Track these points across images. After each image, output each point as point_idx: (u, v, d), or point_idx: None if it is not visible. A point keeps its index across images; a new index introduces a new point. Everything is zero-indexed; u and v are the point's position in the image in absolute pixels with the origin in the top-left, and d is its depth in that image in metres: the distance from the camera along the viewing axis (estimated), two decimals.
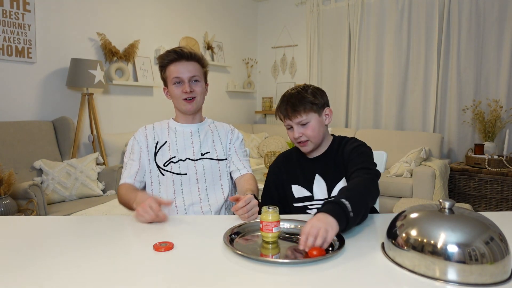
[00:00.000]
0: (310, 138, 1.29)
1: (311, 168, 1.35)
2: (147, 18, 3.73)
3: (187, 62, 1.39)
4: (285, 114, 1.29)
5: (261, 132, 4.69)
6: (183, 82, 1.38)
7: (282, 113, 1.31)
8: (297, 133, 1.28)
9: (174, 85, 1.39)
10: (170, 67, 1.39)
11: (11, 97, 2.75)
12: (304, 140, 1.29)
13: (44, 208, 2.20)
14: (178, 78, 1.38)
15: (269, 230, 0.94)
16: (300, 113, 1.26)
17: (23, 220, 1.19)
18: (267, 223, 0.94)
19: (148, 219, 1.09)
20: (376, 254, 0.88)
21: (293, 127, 1.30)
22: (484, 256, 0.73)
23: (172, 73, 1.38)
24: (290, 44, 4.95)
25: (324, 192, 1.32)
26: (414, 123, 4.00)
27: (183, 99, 1.39)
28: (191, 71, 1.39)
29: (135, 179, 1.39)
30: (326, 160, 1.35)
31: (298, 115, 1.27)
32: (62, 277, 0.76)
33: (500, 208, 3.19)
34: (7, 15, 2.67)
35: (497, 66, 3.54)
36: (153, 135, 1.45)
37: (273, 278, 0.77)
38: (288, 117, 1.29)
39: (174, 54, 1.39)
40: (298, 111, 1.26)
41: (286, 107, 1.29)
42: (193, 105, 1.41)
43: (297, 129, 1.28)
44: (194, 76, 1.40)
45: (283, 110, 1.30)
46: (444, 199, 0.83)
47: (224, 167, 1.47)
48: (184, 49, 1.40)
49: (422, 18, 3.85)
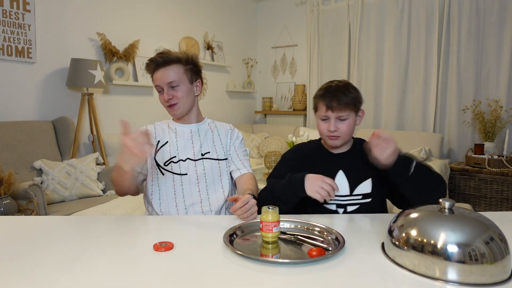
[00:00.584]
0: (343, 135, 1.29)
1: (334, 163, 1.34)
2: (147, 18, 3.73)
3: (164, 68, 1.37)
4: (328, 105, 1.27)
5: (261, 132, 4.69)
6: (163, 90, 1.38)
7: (325, 103, 1.28)
8: (333, 126, 1.27)
9: (159, 93, 1.40)
10: (154, 76, 1.40)
11: (11, 97, 2.75)
12: (337, 135, 1.29)
13: (44, 208, 2.20)
14: (158, 86, 1.39)
15: (269, 230, 0.94)
16: (344, 108, 1.26)
17: (23, 220, 1.19)
18: (267, 223, 0.94)
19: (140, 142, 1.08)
20: (376, 254, 0.88)
21: (329, 119, 1.28)
22: (484, 256, 0.73)
23: (155, 81, 1.39)
24: (290, 44, 4.95)
25: (345, 189, 1.31)
26: (414, 123, 4.00)
27: (167, 106, 1.40)
28: (168, 77, 1.36)
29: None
30: (351, 158, 1.35)
31: (342, 109, 1.26)
32: (62, 277, 0.76)
33: (500, 208, 3.19)
34: (7, 15, 2.67)
35: (497, 66, 3.53)
36: (155, 134, 1.45)
37: (273, 278, 0.77)
38: (331, 108, 1.27)
39: (151, 63, 1.39)
40: (342, 105, 1.26)
41: (332, 98, 1.27)
42: (176, 110, 1.40)
43: (334, 122, 1.27)
44: (171, 81, 1.36)
45: (328, 101, 1.27)
46: (444, 199, 0.83)
47: (225, 167, 1.47)
48: (159, 56, 1.37)
49: (422, 18, 3.85)
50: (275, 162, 3.03)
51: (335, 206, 1.30)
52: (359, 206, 1.30)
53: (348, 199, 1.30)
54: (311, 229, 1.04)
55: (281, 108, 5.02)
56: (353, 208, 1.30)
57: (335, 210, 1.30)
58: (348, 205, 1.30)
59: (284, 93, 5.05)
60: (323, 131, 1.31)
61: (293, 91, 4.90)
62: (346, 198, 1.30)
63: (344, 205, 1.30)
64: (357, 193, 1.31)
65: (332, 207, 1.30)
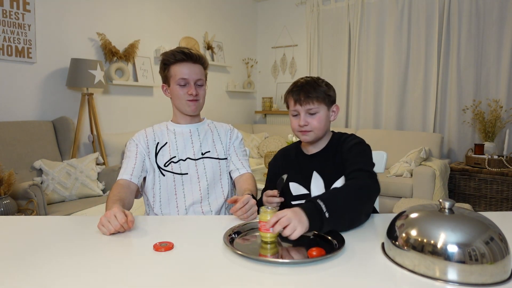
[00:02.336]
0: (314, 129, 1.27)
1: (308, 165, 1.33)
2: (147, 18, 3.73)
3: (194, 65, 1.39)
4: (296, 99, 1.27)
5: (261, 132, 4.69)
6: (188, 84, 1.38)
7: (293, 97, 1.28)
8: (303, 121, 1.26)
9: (178, 85, 1.39)
10: (175, 66, 1.38)
11: (11, 97, 2.75)
12: (307, 130, 1.27)
13: (44, 208, 2.20)
14: (185, 79, 1.38)
15: (267, 230, 0.94)
16: (312, 101, 1.25)
17: (23, 220, 1.19)
18: (265, 223, 0.94)
19: (110, 229, 1.00)
20: (376, 254, 0.88)
21: (300, 114, 1.27)
22: (484, 256, 0.73)
23: (178, 73, 1.38)
24: (290, 44, 4.95)
25: (321, 190, 1.29)
26: (414, 123, 4.00)
27: (187, 100, 1.39)
28: (197, 74, 1.40)
29: (132, 174, 1.35)
30: (325, 157, 1.32)
31: (310, 102, 1.25)
32: (62, 277, 0.76)
33: (500, 208, 3.19)
34: (7, 15, 2.67)
35: (497, 66, 3.54)
36: (153, 136, 1.44)
37: (273, 278, 0.77)
38: (299, 102, 1.26)
39: (183, 54, 1.38)
40: (311, 98, 1.25)
41: (299, 92, 1.26)
42: (196, 106, 1.42)
43: (304, 117, 1.26)
44: (199, 79, 1.41)
45: (295, 95, 1.27)
46: (444, 199, 0.83)
47: (224, 166, 1.47)
48: (192, 51, 1.40)
49: (422, 18, 3.85)
50: None
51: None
52: None
53: None
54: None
55: (281, 108, 5.02)
56: None
57: None
58: None
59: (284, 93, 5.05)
60: (295, 127, 1.30)
61: None
62: None
63: None
64: None
65: None
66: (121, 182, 1.34)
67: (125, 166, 1.39)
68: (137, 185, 1.37)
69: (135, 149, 1.41)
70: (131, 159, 1.39)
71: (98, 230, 1.03)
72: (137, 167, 1.37)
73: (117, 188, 1.31)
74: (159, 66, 1.47)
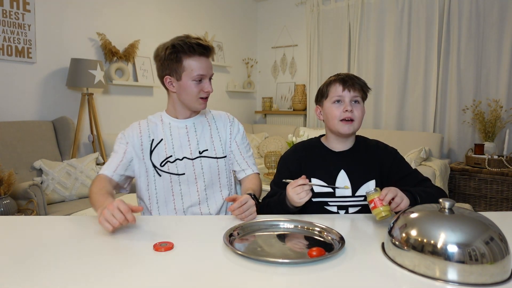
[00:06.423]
0: (356, 119, 1.25)
1: (336, 162, 1.29)
2: (147, 18, 3.73)
3: (208, 59, 1.30)
4: (343, 83, 1.24)
5: (261, 132, 4.69)
6: (204, 80, 1.30)
7: (341, 84, 1.25)
8: (349, 106, 1.23)
9: (194, 81, 1.28)
10: (190, 60, 1.27)
11: (11, 97, 2.75)
12: (352, 117, 1.24)
13: (44, 208, 2.20)
14: (202, 75, 1.29)
15: (381, 203, 1.03)
16: (359, 89, 1.25)
17: (23, 220, 1.19)
18: (375, 199, 1.03)
19: (115, 223, 0.96)
20: (376, 254, 0.88)
21: (344, 101, 1.25)
22: (484, 256, 0.73)
23: (196, 69, 1.27)
24: (290, 44, 4.95)
25: (348, 190, 1.26)
26: (414, 123, 4.00)
27: (200, 97, 1.32)
28: (212, 68, 1.32)
29: (115, 171, 1.31)
30: (354, 157, 1.30)
31: (357, 90, 1.25)
32: (62, 277, 0.76)
33: (500, 208, 3.19)
34: (7, 15, 2.67)
35: (497, 66, 3.54)
36: (148, 131, 1.37)
37: (273, 278, 0.77)
38: (347, 86, 1.24)
39: (202, 48, 1.26)
40: (358, 85, 1.25)
41: (346, 79, 1.25)
42: (206, 104, 1.36)
43: (349, 104, 1.24)
44: (212, 74, 1.34)
45: (343, 82, 1.25)
46: (444, 199, 0.83)
47: (223, 165, 1.40)
48: (208, 43, 1.29)
49: (422, 18, 3.85)
50: (275, 162, 3.03)
51: (336, 207, 1.26)
52: (361, 208, 1.26)
53: (350, 201, 1.26)
54: (311, 229, 1.04)
55: (281, 108, 5.02)
56: (354, 210, 1.26)
57: (336, 212, 1.26)
58: (350, 207, 1.27)
59: (284, 93, 5.05)
60: (337, 114, 1.25)
61: (293, 91, 4.90)
62: (348, 199, 1.27)
63: (345, 207, 1.26)
64: (360, 195, 1.26)
65: (333, 209, 1.26)
66: (102, 177, 1.30)
67: (109, 161, 1.35)
68: (117, 183, 1.33)
69: (124, 147, 1.36)
70: (118, 155, 1.35)
71: (98, 230, 1.03)
72: (121, 166, 1.33)
73: (101, 182, 1.27)
74: (161, 54, 1.30)
